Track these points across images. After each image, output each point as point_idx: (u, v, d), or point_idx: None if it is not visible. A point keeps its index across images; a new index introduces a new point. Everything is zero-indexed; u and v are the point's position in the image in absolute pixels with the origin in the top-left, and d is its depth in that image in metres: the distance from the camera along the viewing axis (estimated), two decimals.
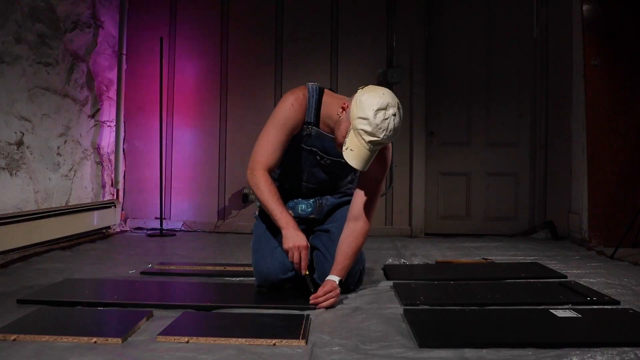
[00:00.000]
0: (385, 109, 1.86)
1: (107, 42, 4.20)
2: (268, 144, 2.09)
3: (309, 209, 2.25)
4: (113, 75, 4.29)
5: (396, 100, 1.91)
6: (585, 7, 3.71)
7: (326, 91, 2.15)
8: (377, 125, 1.85)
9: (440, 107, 4.38)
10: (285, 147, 2.10)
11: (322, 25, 4.38)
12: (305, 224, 2.23)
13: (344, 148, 1.93)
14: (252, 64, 4.40)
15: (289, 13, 4.39)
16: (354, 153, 1.90)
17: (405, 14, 4.33)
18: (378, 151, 1.94)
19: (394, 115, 1.88)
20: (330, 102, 2.11)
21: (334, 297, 1.97)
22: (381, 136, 1.87)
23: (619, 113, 3.64)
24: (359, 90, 1.95)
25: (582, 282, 2.38)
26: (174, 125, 4.42)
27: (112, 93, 4.30)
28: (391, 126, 1.87)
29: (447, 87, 4.39)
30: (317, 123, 2.13)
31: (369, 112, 1.86)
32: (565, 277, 2.54)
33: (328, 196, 2.29)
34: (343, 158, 1.98)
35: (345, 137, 1.94)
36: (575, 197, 4.02)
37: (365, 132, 1.87)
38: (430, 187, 4.38)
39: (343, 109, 2.00)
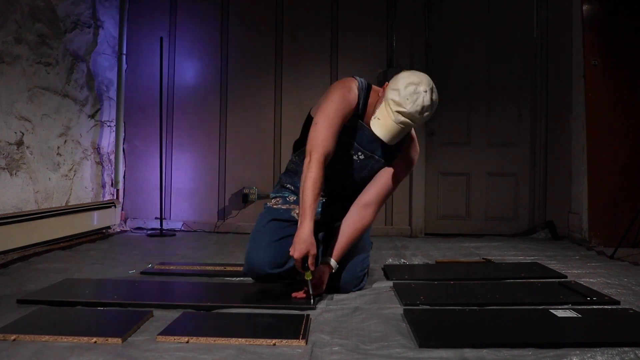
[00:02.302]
0: (417, 84, 1.97)
1: (107, 42, 4.21)
2: (328, 129, 2.01)
3: (319, 209, 2.25)
4: (113, 75, 4.29)
5: (431, 83, 2.00)
6: (585, 7, 3.71)
7: (373, 87, 2.20)
8: (405, 96, 1.94)
9: (440, 107, 4.36)
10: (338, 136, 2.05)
11: (322, 26, 4.38)
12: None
13: (372, 117, 2.01)
14: (252, 63, 4.40)
15: (289, 13, 4.39)
16: (380, 122, 1.98)
17: (405, 14, 4.33)
18: (407, 133, 2.02)
19: (425, 92, 1.97)
20: (375, 98, 2.15)
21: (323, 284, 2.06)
22: (408, 107, 1.94)
23: (619, 113, 3.64)
24: None
25: (582, 282, 2.38)
26: (174, 125, 4.42)
27: (112, 93, 4.30)
28: (419, 101, 1.95)
29: (447, 87, 4.37)
30: (362, 116, 2.15)
31: (401, 84, 1.96)
32: (565, 277, 2.54)
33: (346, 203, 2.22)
34: (376, 154, 2.10)
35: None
36: (575, 197, 4.02)
37: (394, 101, 1.95)
38: (430, 187, 4.38)
39: (384, 89, 2.06)
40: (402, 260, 2.96)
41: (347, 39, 4.36)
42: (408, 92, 1.94)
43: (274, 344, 1.53)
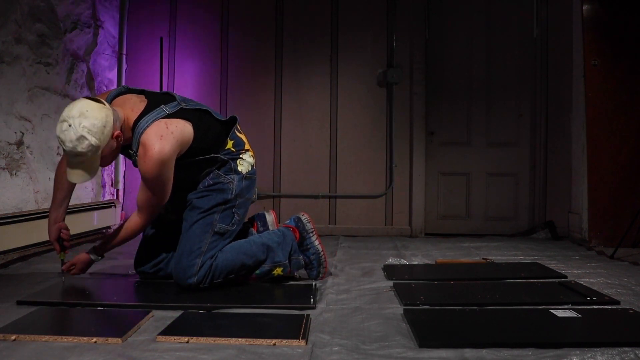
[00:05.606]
0: (62, 121, 1.92)
1: (107, 42, 4.21)
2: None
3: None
4: (113, 75, 4.29)
5: (72, 112, 1.92)
6: (585, 7, 3.71)
7: None
8: (58, 135, 1.94)
9: (440, 107, 4.38)
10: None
11: (322, 25, 4.38)
12: None
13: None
14: (252, 63, 4.40)
15: (289, 13, 4.39)
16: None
17: (405, 14, 4.33)
18: (82, 160, 1.96)
19: (67, 127, 1.91)
20: None
21: (77, 268, 2.24)
22: (63, 147, 1.95)
23: (619, 113, 3.64)
24: None
25: (582, 282, 2.38)
26: None
27: None
28: (62, 137, 1.92)
29: (447, 87, 4.39)
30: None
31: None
32: (565, 277, 2.54)
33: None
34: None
35: None
36: (575, 197, 4.02)
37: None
38: (430, 187, 4.38)
39: None
40: (402, 260, 2.96)
41: (347, 39, 4.36)
42: (58, 130, 1.94)
43: (274, 344, 1.53)
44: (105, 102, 2.02)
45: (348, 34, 4.36)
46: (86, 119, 1.91)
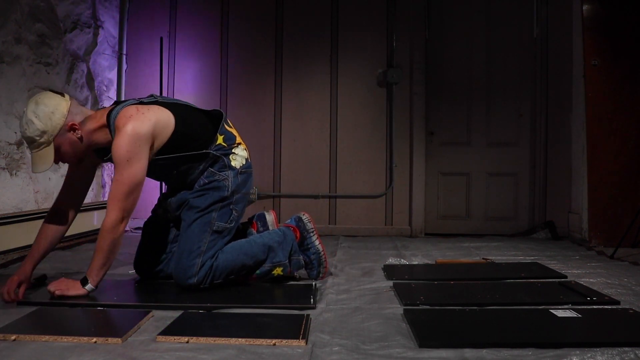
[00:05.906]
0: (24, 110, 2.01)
1: (107, 42, 4.21)
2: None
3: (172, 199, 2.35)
4: (113, 75, 4.29)
5: (31, 101, 2.00)
6: (585, 7, 3.71)
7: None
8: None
9: (440, 107, 4.39)
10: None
11: (322, 25, 4.38)
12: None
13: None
14: (252, 63, 4.40)
15: (289, 13, 4.39)
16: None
17: (405, 14, 4.33)
18: (35, 148, 1.99)
19: (23, 114, 1.99)
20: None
21: (62, 290, 1.99)
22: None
23: (619, 113, 3.64)
24: None
25: (582, 282, 2.38)
26: None
27: (112, 93, 4.30)
28: (20, 124, 2.01)
29: (447, 87, 4.39)
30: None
31: None
32: (565, 277, 2.54)
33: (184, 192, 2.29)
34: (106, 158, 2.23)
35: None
36: (575, 197, 4.02)
37: None
38: (430, 187, 4.38)
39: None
40: (402, 260, 2.96)
41: (347, 39, 4.37)
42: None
43: (274, 344, 1.53)
44: (65, 94, 2.06)
45: (348, 34, 4.37)
46: (37, 106, 1.98)
